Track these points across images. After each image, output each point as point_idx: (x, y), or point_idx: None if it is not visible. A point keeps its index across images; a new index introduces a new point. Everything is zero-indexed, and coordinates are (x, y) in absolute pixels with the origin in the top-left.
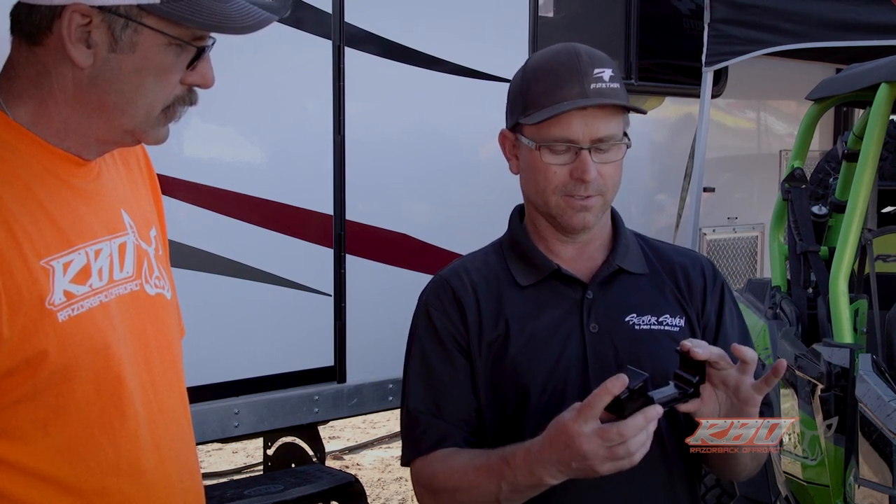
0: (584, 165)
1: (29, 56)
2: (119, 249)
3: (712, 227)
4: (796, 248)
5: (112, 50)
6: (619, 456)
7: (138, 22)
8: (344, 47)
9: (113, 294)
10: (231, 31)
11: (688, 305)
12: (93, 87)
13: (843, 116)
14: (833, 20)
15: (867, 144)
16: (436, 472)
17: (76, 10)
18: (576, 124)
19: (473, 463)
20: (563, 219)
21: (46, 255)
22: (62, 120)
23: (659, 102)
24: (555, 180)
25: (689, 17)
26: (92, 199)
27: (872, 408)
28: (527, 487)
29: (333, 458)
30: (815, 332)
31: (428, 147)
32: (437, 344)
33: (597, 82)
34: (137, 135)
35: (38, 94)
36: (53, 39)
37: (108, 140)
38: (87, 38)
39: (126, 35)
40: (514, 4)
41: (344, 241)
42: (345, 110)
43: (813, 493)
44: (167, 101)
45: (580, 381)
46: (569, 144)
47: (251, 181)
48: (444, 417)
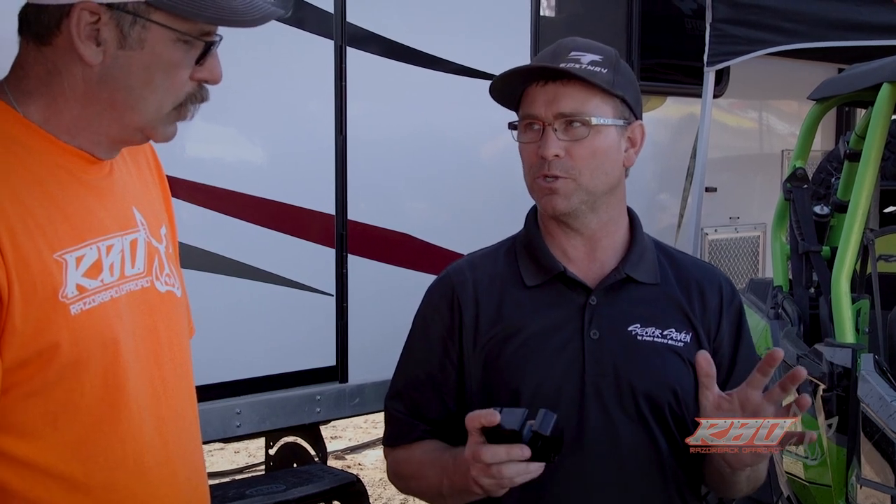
0: (545, 141)
1: (38, 56)
2: (130, 246)
3: (714, 227)
4: (798, 247)
5: (121, 47)
6: (491, 475)
7: (146, 18)
8: (346, 47)
9: (124, 290)
10: (238, 25)
11: (698, 322)
12: (103, 84)
13: (845, 116)
14: (835, 20)
15: (869, 144)
16: (400, 459)
17: (85, 7)
18: (539, 100)
19: (430, 456)
20: (539, 204)
21: (60, 249)
22: (73, 118)
23: (661, 102)
24: (527, 161)
25: (691, 17)
26: (104, 196)
27: (874, 408)
28: (461, 489)
29: (335, 457)
30: (816, 332)
31: (430, 147)
32: (425, 342)
33: (569, 62)
34: (147, 132)
35: (49, 92)
36: (62, 38)
37: (119, 138)
38: (96, 35)
39: (134, 31)
40: (516, 4)
41: (346, 241)
42: (346, 110)
43: (815, 494)
44: (178, 98)
45: (575, 387)
46: (532, 121)
47: (253, 181)
48: (415, 415)
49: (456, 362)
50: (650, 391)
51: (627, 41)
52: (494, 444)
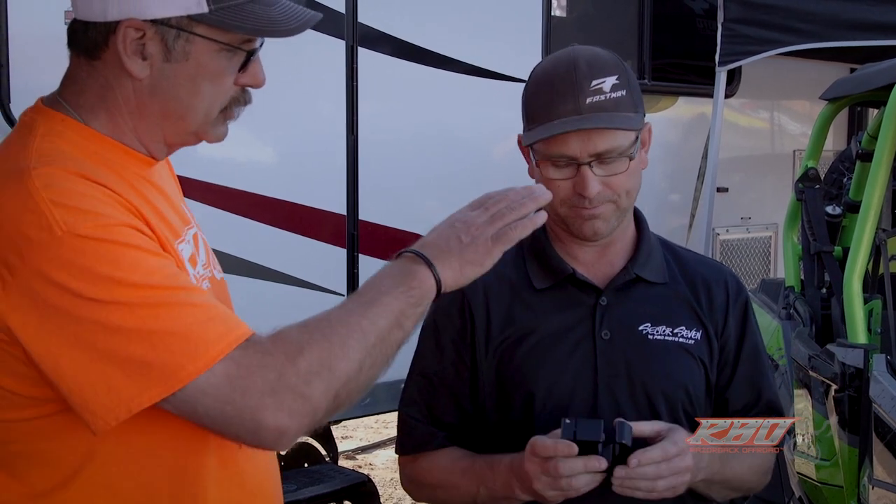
0: (584, 181)
1: (90, 71)
2: (193, 239)
3: (726, 228)
4: (810, 248)
5: (167, 60)
6: (560, 487)
7: (190, 32)
8: (357, 47)
9: (207, 280)
10: (278, 35)
11: (706, 319)
12: (153, 96)
13: (857, 116)
14: (847, 20)
15: (881, 144)
16: (423, 468)
17: (130, 25)
18: (573, 142)
19: (459, 464)
20: (574, 228)
21: (174, 240)
22: (131, 128)
23: (672, 102)
24: (559, 194)
25: (703, 17)
26: (167, 196)
27: (886, 408)
28: (502, 497)
29: (346, 457)
30: (828, 332)
31: (441, 147)
32: (436, 347)
33: (594, 95)
34: (201, 135)
35: (106, 105)
36: (110, 54)
37: (175, 141)
38: (142, 50)
39: (179, 45)
40: (527, 4)
41: (357, 241)
42: (358, 110)
43: (827, 494)
44: (223, 103)
45: (588, 388)
46: (568, 160)
47: (264, 181)
48: (431, 422)
49: (469, 365)
50: (663, 391)
51: (639, 41)
52: (570, 460)
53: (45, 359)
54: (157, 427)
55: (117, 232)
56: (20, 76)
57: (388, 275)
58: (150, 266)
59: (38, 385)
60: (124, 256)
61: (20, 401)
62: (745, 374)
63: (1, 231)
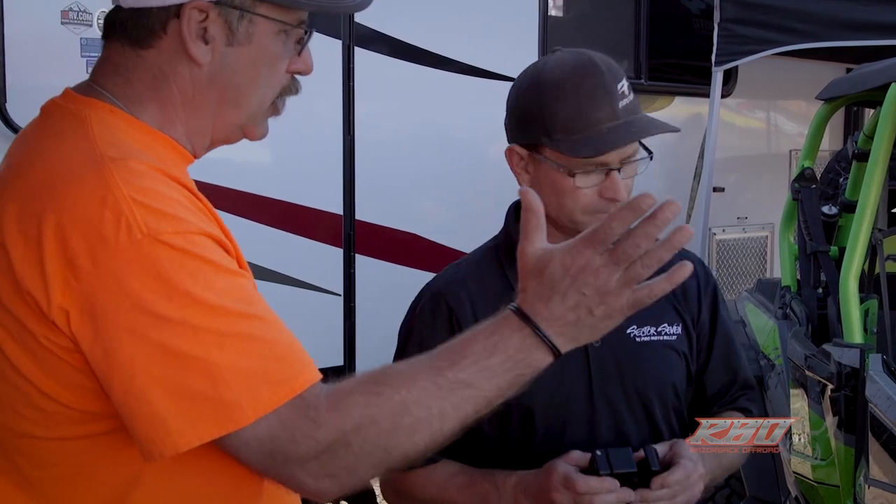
0: (616, 186)
1: (138, 61)
2: None
3: (722, 227)
4: (806, 248)
5: (229, 43)
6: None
7: (252, 12)
8: (353, 47)
9: None
10: (340, 11)
11: (683, 310)
12: (211, 84)
13: (853, 116)
14: (843, 20)
15: (878, 144)
16: (415, 483)
17: (194, 6)
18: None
19: (455, 480)
20: None
21: None
22: (183, 122)
23: (668, 102)
24: (584, 201)
25: (699, 17)
26: None
27: (882, 408)
28: None
29: None
30: (825, 332)
31: (437, 147)
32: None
33: (622, 98)
34: (247, 130)
35: (159, 98)
36: (167, 41)
37: (221, 137)
38: (204, 34)
39: (242, 26)
40: (524, 4)
41: (353, 241)
42: (354, 110)
43: (823, 494)
44: (276, 92)
45: (584, 396)
46: (598, 166)
47: (261, 181)
48: None
49: None
50: (655, 392)
51: (635, 41)
52: (590, 476)
53: (103, 373)
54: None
55: (197, 242)
56: (17, 76)
57: (502, 349)
58: (226, 286)
59: (98, 398)
60: (201, 271)
61: (77, 416)
62: (720, 356)
63: (75, 227)
